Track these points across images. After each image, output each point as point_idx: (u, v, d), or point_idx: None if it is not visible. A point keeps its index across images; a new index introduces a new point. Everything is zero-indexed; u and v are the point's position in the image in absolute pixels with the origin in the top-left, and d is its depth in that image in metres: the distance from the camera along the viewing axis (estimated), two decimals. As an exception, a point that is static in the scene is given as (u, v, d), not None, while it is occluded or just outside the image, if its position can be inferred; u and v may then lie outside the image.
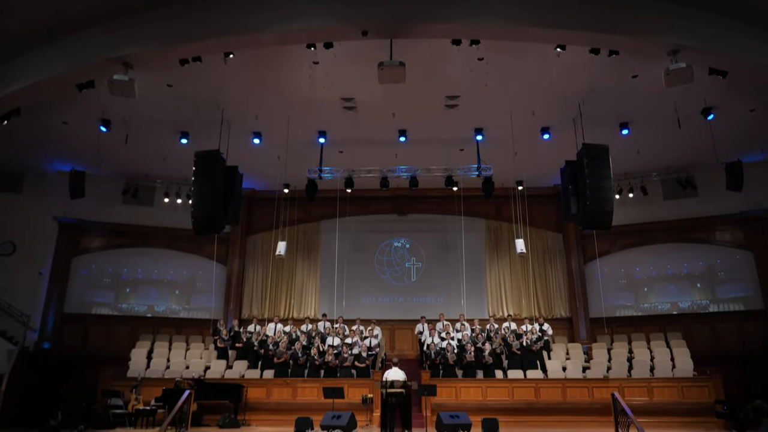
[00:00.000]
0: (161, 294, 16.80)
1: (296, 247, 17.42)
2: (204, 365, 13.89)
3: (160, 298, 16.75)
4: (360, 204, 17.34)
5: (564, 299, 16.61)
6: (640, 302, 16.22)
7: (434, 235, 17.45)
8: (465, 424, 8.71)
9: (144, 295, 16.66)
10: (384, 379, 9.04)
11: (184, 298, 16.90)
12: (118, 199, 16.64)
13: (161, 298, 16.77)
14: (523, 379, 12.57)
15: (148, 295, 16.69)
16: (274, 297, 16.96)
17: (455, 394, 12.14)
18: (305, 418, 9.39)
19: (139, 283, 16.77)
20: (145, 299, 16.63)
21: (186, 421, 9.80)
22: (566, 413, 11.90)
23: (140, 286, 16.75)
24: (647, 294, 16.25)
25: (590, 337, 15.84)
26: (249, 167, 15.17)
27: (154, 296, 16.72)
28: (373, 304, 16.79)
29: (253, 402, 12.22)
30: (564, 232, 17.10)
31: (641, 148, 14.48)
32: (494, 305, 16.64)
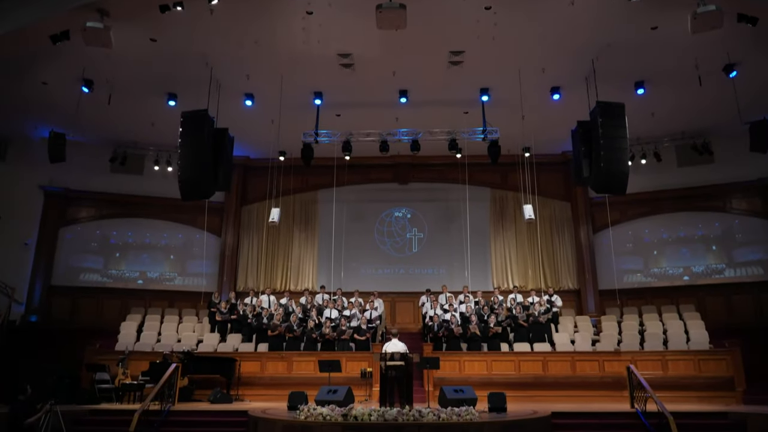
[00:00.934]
0: (154, 260, 16.18)
1: (293, 217, 16.74)
2: (197, 339, 13.31)
3: (153, 263, 16.13)
4: (359, 172, 16.61)
5: (572, 271, 15.96)
6: (651, 267, 15.54)
7: (436, 204, 16.74)
8: (470, 398, 8.11)
9: (135, 261, 16.04)
10: (383, 351, 8.42)
11: (178, 265, 16.28)
12: (106, 167, 15.93)
13: (154, 263, 16.15)
14: (531, 352, 11.98)
15: (139, 260, 16.07)
16: (270, 269, 16.34)
17: (459, 368, 11.56)
18: (299, 393, 8.82)
19: (130, 248, 16.14)
20: (137, 265, 16.01)
21: (173, 395, 9.22)
22: (575, 387, 11.32)
23: (131, 251, 16.12)
24: (657, 258, 15.53)
25: (599, 309, 15.23)
26: (242, 133, 14.44)
27: (147, 262, 16.10)
28: (373, 275, 16.16)
29: (246, 376, 11.66)
30: (572, 201, 16.38)
31: (656, 111, 13.69)
32: (499, 277, 16.00)
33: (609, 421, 8.50)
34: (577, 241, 16.03)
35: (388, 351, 8.35)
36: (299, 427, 6.90)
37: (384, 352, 8.25)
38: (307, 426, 6.83)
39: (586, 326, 13.68)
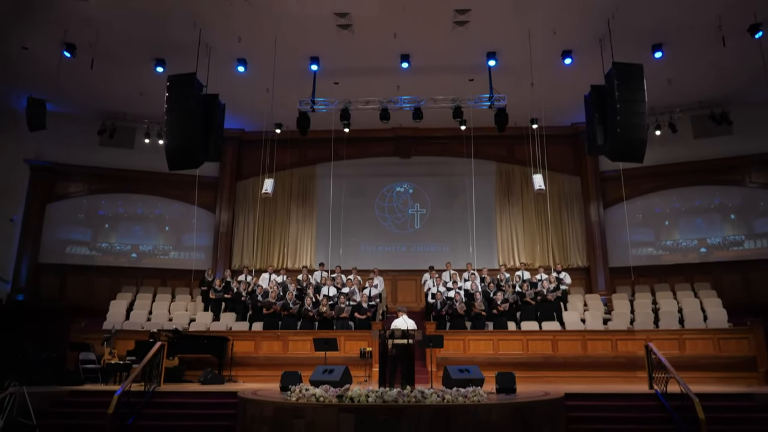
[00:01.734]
0: (148, 232, 15.59)
1: (290, 192, 16.09)
2: (189, 317, 12.77)
3: (146, 236, 15.55)
4: (359, 146, 15.94)
5: (581, 248, 15.30)
6: (663, 240, 14.85)
7: (440, 179, 16.05)
8: (477, 378, 7.52)
9: (127, 234, 15.45)
10: (392, 328, 7.79)
11: (173, 238, 15.68)
12: (94, 141, 15.28)
13: (147, 236, 15.57)
14: (539, 331, 11.38)
15: (131, 233, 15.48)
16: (266, 246, 15.72)
17: (463, 347, 10.97)
18: (293, 373, 8.22)
19: (121, 219, 15.54)
20: (128, 238, 15.43)
21: (159, 376, 8.65)
22: (586, 368, 10.73)
23: (122, 222, 15.52)
24: (670, 230, 14.84)
25: (609, 288, 14.60)
26: (236, 104, 13.78)
27: (139, 235, 15.51)
28: (374, 253, 15.54)
29: (240, 356, 11.10)
30: (582, 176, 15.67)
31: (674, 77, 12.92)
32: (505, 254, 15.36)
33: (626, 402, 7.90)
34: (586, 216, 15.35)
35: (395, 328, 7.72)
36: (290, 409, 6.31)
37: (386, 329, 7.62)
38: (299, 408, 6.24)
39: (597, 305, 13.07)
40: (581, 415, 7.60)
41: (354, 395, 6.15)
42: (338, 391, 6.24)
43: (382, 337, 7.44)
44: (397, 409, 5.99)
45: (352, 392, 6.22)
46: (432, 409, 6.00)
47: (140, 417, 7.70)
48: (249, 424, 6.81)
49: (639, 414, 7.66)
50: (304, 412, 6.19)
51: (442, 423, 5.96)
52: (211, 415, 7.82)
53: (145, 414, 7.77)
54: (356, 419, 5.97)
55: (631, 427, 7.43)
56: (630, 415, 7.64)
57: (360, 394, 6.15)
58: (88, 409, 7.88)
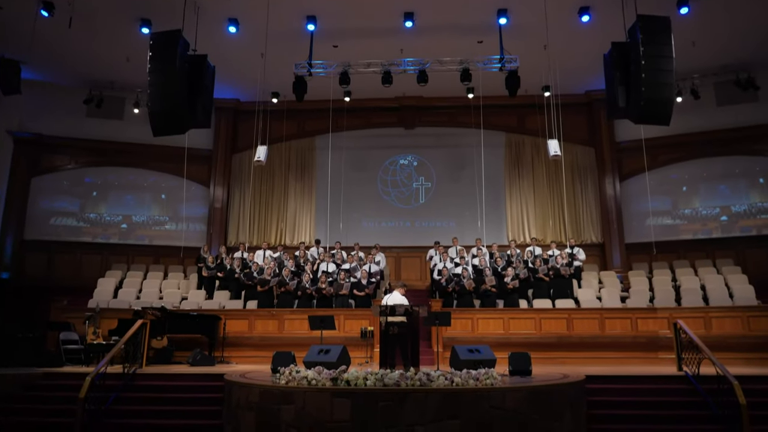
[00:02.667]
0: (140, 202, 14.88)
1: (288, 166, 15.29)
2: (181, 296, 12.08)
3: (138, 207, 14.85)
4: (360, 116, 15.12)
5: (595, 223, 14.47)
6: (680, 208, 14.01)
7: (446, 151, 15.21)
8: (488, 359, 6.77)
9: (117, 204, 14.73)
10: (383, 304, 7.04)
11: (165, 213, 14.95)
12: (82, 111, 14.53)
13: (140, 208, 14.86)
14: (553, 308, 10.62)
15: (123, 202, 14.77)
16: (263, 222, 14.97)
17: (472, 326, 10.24)
18: (285, 353, 7.50)
19: (111, 189, 14.82)
20: (119, 208, 14.71)
21: (141, 356, 7.95)
22: (604, 348, 9.99)
23: (112, 192, 14.81)
24: (689, 197, 13.98)
25: (625, 265, 13.80)
26: (229, 70, 13.04)
27: (131, 205, 14.79)
28: (376, 229, 14.77)
29: (233, 336, 10.41)
30: (597, 147, 14.78)
31: (698, 38, 11.96)
32: (515, 230, 14.56)
33: (653, 386, 7.15)
34: (601, 190, 14.49)
35: (389, 304, 6.97)
36: (278, 393, 5.58)
37: (383, 305, 6.86)
38: (288, 392, 5.51)
39: (613, 282, 12.30)
40: (603, 399, 6.87)
41: (350, 378, 5.42)
42: (333, 374, 5.51)
43: (383, 313, 6.69)
44: (399, 393, 5.26)
45: (348, 375, 5.48)
46: (439, 394, 5.27)
47: (118, 401, 7.02)
48: (234, 410, 6.10)
49: (668, 398, 6.91)
50: (294, 396, 5.47)
51: (450, 409, 5.23)
52: (197, 399, 7.13)
53: (123, 398, 7.08)
54: (353, 405, 5.25)
55: (659, 413, 6.69)
56: (657, 400, 6.89)
57: (357, 377, 5.42)
58: (62, 393, 7.21)
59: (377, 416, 5.19)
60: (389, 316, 6.89)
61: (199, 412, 6.89)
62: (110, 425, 6.64)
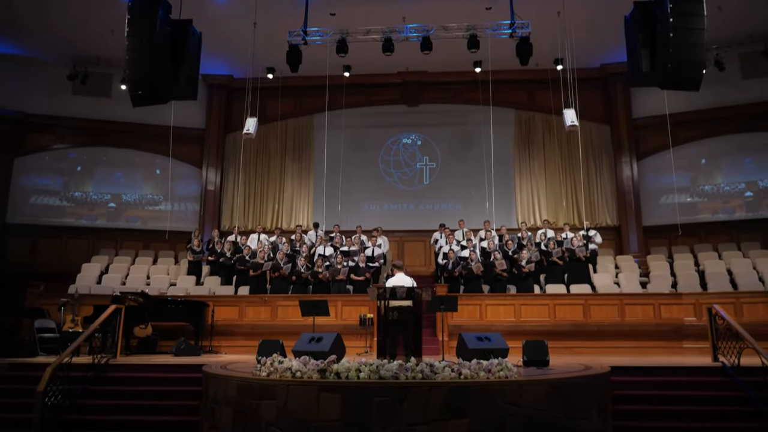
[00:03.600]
0: (131, 180, 14.15)
1: (284, 146, 14.49)
2: (169, 282, 11.35)
3: (128, 187, 14.13)
4: (361, 92, 14.30)
5: (610, 205, 13.61)
6: (700, 184, 13.15)
7: (452, 129, 14.35)
8: (499, 348, 6.00)
9: (104, 182, 14.00)
10: (384, 286, 6.26)
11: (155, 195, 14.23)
12: (67, 89, 13.76)
13: (130, 188, 14.14)
14: (569, 294, 9.81)
15: (110, 182, 14.05)
16: (259, 205, 14.21)
17: (480, 313, 9.45)
18: (272, 342, 6.74)
19: (98, 169, 14.10)
20: (107, 187, 13.98)
21: (115, 345, 7.22)
22: (624, 337, 9.18)
23: (99, 171, 14.10)
24: (710, 172, 13.11)
25: (643, 249, 12.96)
26: (221, 44, 12.37)
27: (120, 183, 14.08)
28: (378, 212, 13.98)
29: (223, 324, 9.67)
30: (612, 124, 13.89)
31: (724, 3, 11.02)
32: (525, 212, 13.72)
33: (685, 378, 6.35)
34: (617, 170, 13.62)
35: (391, 286, 6.19)
36: (258, 387, 4.83)
37: (383, 288, 6.07)
38: (269, 386, 4.76)
39: (631, 266, 11.47)
40: (631, 393, 6.09)
41: (341, 370, 4.65)
42: (320, 364, 4.73)
43: (381, 297, 5.91)
44: (398, 387, 4.49)
45: (338, 366, 4.71)
46: (445, 388, 4.50)
47: (87, 395, 6.29)
48: (210, 405, 5.36)
49: (703, 392, 6.12)
50: (275, 391, 4.71)
51: (458, 406, 4.46)
52: (175, 393, 6.38)
53: (92, 392, 6.35)
54: (343, 401, 4.48)
55: (694, 408, 5.89)
56: (692, 394, 6.10)
57: (349, 368, 4.65)
58: (25, 385, 6.45)
59: (372, 414, 4.42)
60: (390, 300, 6.12)
61: (177, 408, 6.16)
62: (74, 421, 5.91)
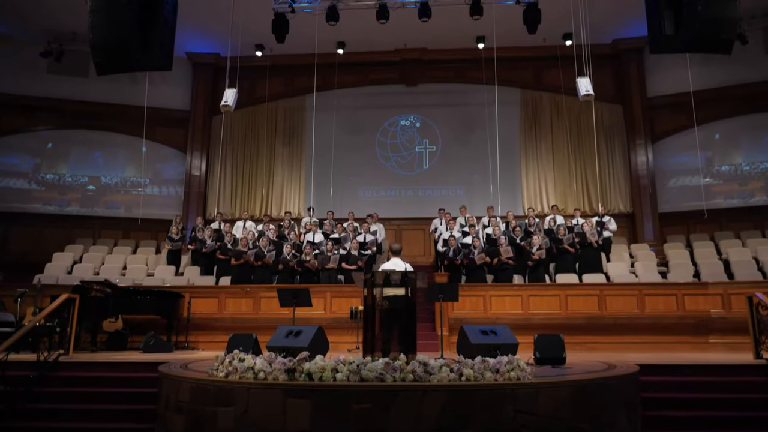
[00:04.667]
0: (111, 164, 13.27)
1: (275, 129, 13.59)
2: (147, 272, 10.50)
3: (107, 169, 13.27)
4: (356, 72, 13.43)
5: (623, 190, 12.69)
6: (721, 171, 12.22)
7: (453, 110, 13.43)
8: (507, 344, 5.12)
9: (82, 165, 13.14)
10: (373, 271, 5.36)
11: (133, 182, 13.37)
12: (42, 68, 12.87)
13: (109, 169, 13.28)
14: (582, 284, 8.92)
15: (91, 160, 13.20)
16: (247, 191, 13.33)
17: (483, 305, 8.56)
18: (244, 336, 5.85)
19: (74, 144, 13.24)
20: (85, 169, 13.13)
21: (68, 340, 6.34)
22: (643, 331, 8.31)
23: (75, 148, 13.26)
24: (731, 157, 12.17)
25: (659, 237, 12.05)
26: (206, 20, 11.47)
27: (99, 165, 13.23)
28: (374, 198, 13.08)
29: (200, 318, 8.82)
30: (625, 104, 12.96)
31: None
32: (531, 198, 12.82)
33: (724, 378, 5.43)
34: (630, 152, 12.69)
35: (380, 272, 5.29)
36: (213, 390, 3.96)
37: (372, 273, 5.16)
38: (226, 389, 3.88)
39: (647, 255, 10.59)
40: (660, 396, 5.20)
41: (313, 369, 3.77)
42: (288, 363, 3.84)
43: (368, 283, 5.02)
44: (383, 392, 3.61)
45: (310, 365, 3.82)
46: (442, 393, 3.62)
47: (28, 398, 5.42)
48: (163, 412, 4.49)
49: (745, 394, 5.22)
50: (234, 395, 3.83)
51: (458, 415, 3.58)
52: (132, 395, 5.49)
53: (34, 394, 5.47)
54: (315, 409, 3.60)
55: (734, 414, 5.01)
56: (731, 397, 5.20)
57: (323, 368, 3.76)
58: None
59: (350, 425, 3.54)
60: (380, 287, 5.22)
61: (132, 413, 5.29)
62: (10, 429, 5.05)
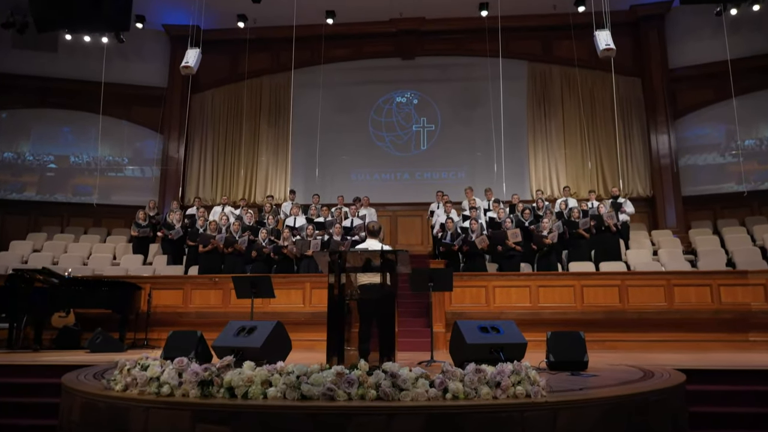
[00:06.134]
0: (81, 142, 12.22)
1: (259, 107, 12.50)
2: (111, 261, 9.46)
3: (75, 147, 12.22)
4: (348, 44, 12.36)
5: (642, 171, 11.49)
6: (745, 142, 11.01)
7: (454, 85, 12.28)
8: (514, 344, 3.99)
9: (46, 144, 12.11)
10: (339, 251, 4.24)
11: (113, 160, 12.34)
12: (6, 42, 11.80)
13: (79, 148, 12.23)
14: (600, 273, 7.76)
15: (59, 136, 12.15)
16: (229, 175, 12.23)
17: (486, 297, 7.42)
18: (186, 334, 4.75)
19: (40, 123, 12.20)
20: (48, 147, 12.11)
21: None
22: (672, 328, 7.15)
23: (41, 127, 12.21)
24: (758, 124, 10.93)
25: (682, 223, 10.85)
26: None
27: (67, 144, 12.24)
28: (367, 182, 11.95)
29: (163, 312, 7.75)
30: (644, 76, 11.74)
31: None
32: (540, 181, 11.64)
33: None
34: (650, 130, 11.48)
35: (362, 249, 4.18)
36: (104, 409, 2.87)
37: (339, 254, 4.04)
38: (121, 408, 2.78)
39: (671, 242, 9.43)
40: (708, 411, 4.06)
41: (236, 383, 2.65)
42: (204, 373, 2.73)
43: (335, 267, 3.91)
44: (333, 416, 2.49)
45: (232, 375, 2.71)
46: (418, 418, 2.49)
47: None
48: (58, 429, 3.40)
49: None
50: (129, 417, 2.74)
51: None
52: (42, 406, 4.44)
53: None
54: (233, 439, 2.49)
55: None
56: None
57: (250, 380, 2.64)
58: None
59: (283, 464, 2.43)
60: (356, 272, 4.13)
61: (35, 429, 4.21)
62: None
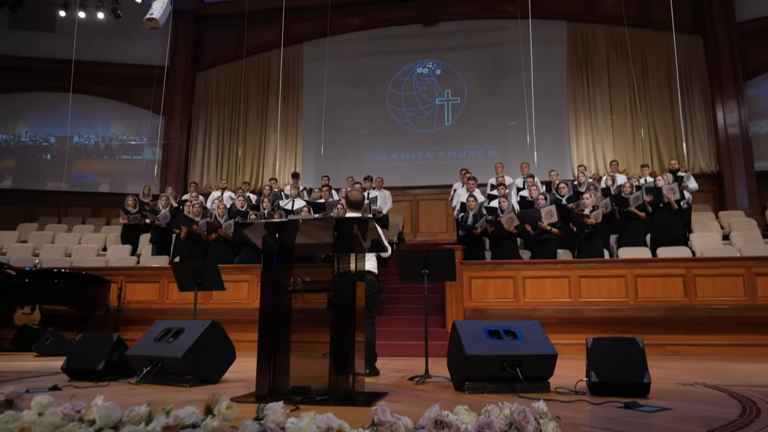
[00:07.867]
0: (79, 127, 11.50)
1: (267, 83, 11.41)
2: (97, 252, 8.56)
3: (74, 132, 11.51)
4: (363, 12, 11.22)
5: (706, 145, 9.81)
6: None
7: (481, 53, 10.86)
8: (538, 355, 2.68)
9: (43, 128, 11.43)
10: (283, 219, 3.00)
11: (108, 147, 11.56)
12: (2, 23, 11.15)
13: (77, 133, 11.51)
14: (658, 259, 6.26)
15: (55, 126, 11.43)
16: (235, 159, 11.21)
17: (514, 289, 6.04)
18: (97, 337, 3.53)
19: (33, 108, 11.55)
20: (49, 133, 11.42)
21: None
22: (755, 329, 5.63)
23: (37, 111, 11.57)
24: None
25: (756, 202, 9.17)
26: None
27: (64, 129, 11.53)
28: (385, 163, 10.71)
29: (137, 308, 6.76)
30: (706, 34, 10.04)
31: None
32: (583, 157, 10.10)
33: None
34: (714, 97, 9.78)
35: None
36: None
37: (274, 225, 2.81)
38: None
39: (746, 224, 7.82)
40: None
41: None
42: None
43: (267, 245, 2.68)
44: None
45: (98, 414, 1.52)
46: None
47: None
48: None
49: None
50: None
51: None
52: None
53: None
54: None
55: None
56: None
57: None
58: None
59: None
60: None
61: None
62: None
